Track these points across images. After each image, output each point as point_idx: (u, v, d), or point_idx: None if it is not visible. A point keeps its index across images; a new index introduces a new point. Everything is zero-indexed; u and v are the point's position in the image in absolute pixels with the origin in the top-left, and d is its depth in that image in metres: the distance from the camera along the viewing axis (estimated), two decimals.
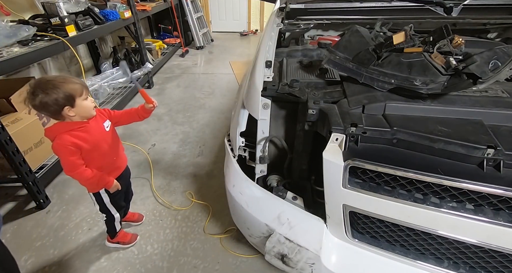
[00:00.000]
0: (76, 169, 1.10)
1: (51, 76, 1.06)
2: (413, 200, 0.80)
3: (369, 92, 0.98)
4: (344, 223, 0.96)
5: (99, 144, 1.16)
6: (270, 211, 1.07)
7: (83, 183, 1.18)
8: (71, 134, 1.06)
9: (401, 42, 0.98)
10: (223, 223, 1.67)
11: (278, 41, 1.58)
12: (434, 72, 0.91)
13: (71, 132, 1.06)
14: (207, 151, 2.34)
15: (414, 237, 0.89)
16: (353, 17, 1.63)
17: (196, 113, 2.95)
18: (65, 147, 1.05)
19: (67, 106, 1.02)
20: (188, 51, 5.04)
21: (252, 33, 6.39)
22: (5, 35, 1.73)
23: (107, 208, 1.32)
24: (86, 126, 1.10)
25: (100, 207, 1.31)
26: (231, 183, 1.20)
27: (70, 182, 1.97)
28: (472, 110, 0.87)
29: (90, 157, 1.14)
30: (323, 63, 1.11)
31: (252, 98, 1.11)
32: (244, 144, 1.24)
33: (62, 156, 1.08)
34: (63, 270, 1.42)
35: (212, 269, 1.43)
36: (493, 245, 0.77)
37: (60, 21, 2.00)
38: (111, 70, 3.08)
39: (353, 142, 0.86)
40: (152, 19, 5.22)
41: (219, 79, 3.86)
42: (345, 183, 0.85)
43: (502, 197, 0.71)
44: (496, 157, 0.73)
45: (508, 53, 0.95)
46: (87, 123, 1.11)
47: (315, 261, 0.97)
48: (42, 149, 1.91)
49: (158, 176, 2.04)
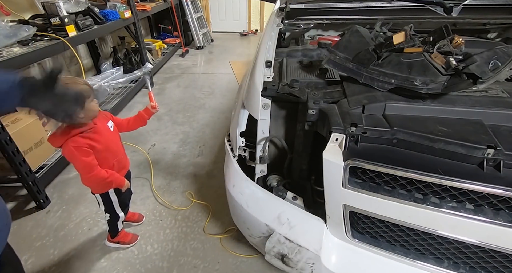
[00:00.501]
0: (93, 169, 1.11)
1: None
2: (413, 200, 0.80)
3: (369, 92, 0.98)
4: (344, 223, 0.96)
5: (109, 143, 1.18)
6: (270, 211, 1.07)
7: (98, 183, 1.19)
8: (83, 136, 1.07)
9: (401, 42, 0.97)
10: (223, 223, 1.67)
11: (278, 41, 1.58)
12: (434, 72, 0.91)
13: (83, 135, 1.07)
14: (207, 151, 2.34)
15: (414, 237, 0.89)
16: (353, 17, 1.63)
17: (196, 113, 2.95)
18: (81, 149, 1.06)
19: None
20: (188, 51, 5.04)
21: (252, 33, 6.39)
22: (5, 35, 1.73)
23: (113, 207, 1.32)
24: (94, 127, 1.12)
25: (105, 207, 1.32)
26: (231, 183, 1.20)
27: (70, 182, 1.97)
28: (472, 110, 0.87)
29: (102, 157, 1.15)
30: (323, 63, 1.11)
31: (252, 98, 1.11)
32: (244, 144, 1.24)
33: (78, 158, 1.07)
34: (63, 270, 1.42)
35: (212, 269, 1.43)
36: (493, 245, 0.77)
37: (60, 21, 2.00)
38: (111, 70, 3.08)
39: (353, 142, 0.86)
40: (152, 19, 5.22)
41: (219, 79, 3.86)
42: (345, 183, 0.84)
43: (502, 197, 0.71)
44: (496, 157, 0.73)
45: (508, 53, 0.95)
46: (95, 124, 1.13)
47: (315, 261, 0.97)
48: (42, 149, 1.91)
49: (158, 176, 2.04)
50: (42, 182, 1.77)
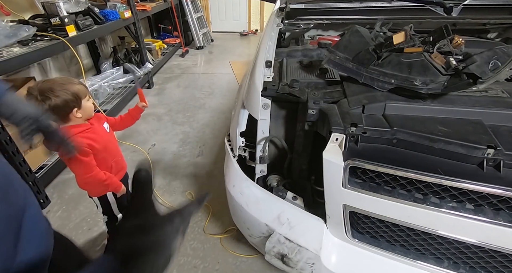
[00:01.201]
0: (92, 170, 1.10)
1: (53, 78, 1.04)
2: (413, 200, 0.80)
3: (369, 92, 0.98)
4: (344, 223, 0.96)
5: (107, 143, 1.18)
6: (270, 211, 1.07)
7: (95, 185, 1.18)
8: (82, 136, 1.08)
9: (401, 42, 0.97)
10: (223, 223, 1.67)
11: (278, 41, 1.58)
12: (434, 72, 0.91)
13: (81, 134, 1.08)
14: (207, 151, 2.34)
15: (414, 237, 0.89)
16: (353, 17, 1.62)
17: (196, 113, 2.95)
18: (80, 149, 1.05)
19: (76, 108, 1.03)
20: (188, 51, 5.04)
21: (252, 33, 6.39)
22: (5, 35, 1.73)
23: (111, 209, 1.32)
24: (92, 127, 1.13)
25: (103, 209, 1.31)
26: (231, 183, 1.20)
27: (70, 182, 1.97)
28: (472, 110, 0.87)
29: (101, 157, 1.15)
30: (323, 63, 1.11)
31: (252, 98, 1.11)
32: (244, 144, 1.24)
33: (77, 158, 1.06)
34: None
35: (212, 269, 1.43)
36: (493, 245, 0.77)
37: (60, 21, 2.00)
38: (111, 70, 3.08)
39: (353, 142, 0.86)
40: (152, 19, 5.21)
41: (219, 79, 3.86)
42: (345, 183, 0.84)
43: (502, 197, 0.71)
44: (496, 157, 0.73)
45: (508, 53, 0.94)
46: (92, 125, 1.13)
47: (315, 261, 0.97)
48: (42, 149, 1.90)
49: (158, 176, 2.04)
50: (42, 182, 1.77)
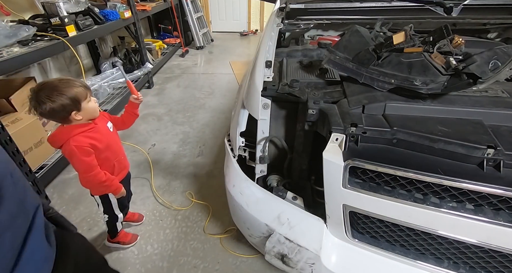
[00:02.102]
0: (92, 169, 1.11)
1: (53, 80, 1.02)
2: (413, 200, 0.80)
3: (369, 92, 0.98)
4: (344, 223, 0.96)
5: (110, 142, 1.18)
6: (270, 211, 1.07)
7: (95, 185, 1.18)
8: (85, 135, 1.08)
9: (401, 42, 0.97)
10: (223, 223, 1.67)
11: (278, 41, 1.58)
12: (434, 72, 0.91)
13: (84, 134, 1.07)
14: (207, 151, 2.34)
15: (414, 237, 0.89)
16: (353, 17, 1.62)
17: (196, 113, 2.95)
18: (82, 148, 1.06)
19: (74, 111, 1.03)
20: (188, 51, 5.04)
21: (252, 33, 6.38)
22: (5, 35, 1.73)
23: (112, 208, 1.33)
24: (95, 127, 1.12)
25: (104, 208, 1.32)
26: (231, 183, 1.20)
27: (70, 182, 1.97)
28: (472, 110, 0.87)
29: (104, 157, 1.16)
30: (323, 63, 1.11)
31: (252, 98, 1.11)
32: (244, 144, 1.24)
33: (78, 158, 1.06)
34: None
35: (212, 269, 1.43)
36: (493, 245, 0.77)
37: (60, 21, 2.00)
38: (111, 70, 3.08)
39: (353, 142, 0.86)
40: (152, 19, 5.21)
41: (219, 79, 3.86)
42: (345, 183, 0.85)
43: (502, 197, 0.71)
44: (496, 157, 0.73)
45: (508, 53, 0.94)
46: (96, 124, 1.13)
47: (315, 261, 0.97)
48: (42, 149, 1.91)
49: (158, 176, 2.04)
50: (42, 182, 1.77)
